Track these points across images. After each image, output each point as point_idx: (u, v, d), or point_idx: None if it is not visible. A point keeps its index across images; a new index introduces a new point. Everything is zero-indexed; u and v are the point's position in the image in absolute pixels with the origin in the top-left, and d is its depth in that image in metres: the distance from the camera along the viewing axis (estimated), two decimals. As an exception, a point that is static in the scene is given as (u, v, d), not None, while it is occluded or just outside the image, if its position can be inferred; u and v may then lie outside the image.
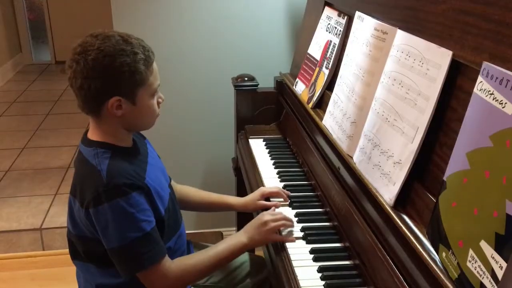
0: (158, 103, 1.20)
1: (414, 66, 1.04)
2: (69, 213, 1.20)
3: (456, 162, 0.84)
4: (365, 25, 1.33)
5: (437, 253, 0.87)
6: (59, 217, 2.57)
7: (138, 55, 1.11)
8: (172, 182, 1.45)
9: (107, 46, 1.08)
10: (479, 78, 0.80)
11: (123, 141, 1.18)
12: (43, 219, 2.57)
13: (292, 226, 1.30)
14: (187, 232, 1.40)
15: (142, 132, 1.32)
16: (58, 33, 5.50)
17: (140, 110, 1.15)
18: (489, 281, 0.71)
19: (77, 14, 5.33)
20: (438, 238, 0.86)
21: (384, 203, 1.05)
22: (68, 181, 2.98)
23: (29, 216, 2.61)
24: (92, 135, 1.17)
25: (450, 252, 0.82)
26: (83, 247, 1.19)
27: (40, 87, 4.85)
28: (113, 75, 1.09)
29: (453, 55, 0.92)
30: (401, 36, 1.13)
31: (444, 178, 0.87)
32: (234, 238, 1.27)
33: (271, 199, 1.47)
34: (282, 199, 1.45)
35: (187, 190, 1.50)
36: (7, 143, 3.54)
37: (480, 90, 0.80)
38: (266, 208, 1.42)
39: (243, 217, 1.82)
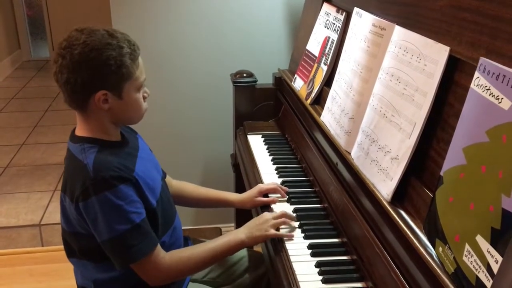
0: (144, 97, 1.20)
1: (411, 62, 1.04)
2: (62, 211, 1.21)
3: (453, 157, 0.84)
4: (363, 21, 1.34)
5: (434, 247, 0.87)
6: (58, 213, 2.52)
7: (124, 49, 1.11)
8: (169, 178, 1.45)
9: (93, 40, 1.09)
10: (476, 74, 0.81)
11: (111, 136, 1.19)
12: (42, 215, 2.58)
13: (295, 220, 1.31)
14: (185, 228, 1.40)
15: (137, 128, 1.32)
16: (57, 30, 5.49)
17: (126, 104, 1.15)
18: (485, 275, 0.72)
19: (76, 10, 5.31)
20: (435, 233, 0.87)
21: (382, 199, 1.06)
22: (67, 178, 2.97)
23: (28, 212, 2.61)
24: (80, 131, 1.18)
25: (446, 247, 0.82)
26: (77, 244, 1.20)
27: (39, 84, 4.84)
28: (99, 69, 1.09)
29: (451, 50, 0.92)
30: (399, 32, 1.13)
31: (441, 173, 0.87)
32: (233, 234, 1.27)
33: (269, 196, 1.47)
34: (280, 195, 1.46)
35: (184, 186, 1.50)
36: (6, 140, 3.54)
37: (477, 85, 0.80)
38: (265, 205, 1.42)
39: (242, 213, 1.83)
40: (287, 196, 1.46)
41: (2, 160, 3.21)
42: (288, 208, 1.39)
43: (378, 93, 1.17)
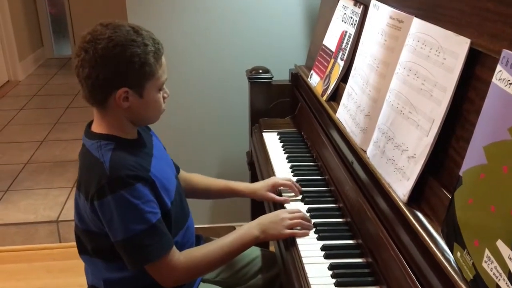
0: (164, 98, 1.17)
1: (430, 55, 0.99)
2: (76, 208, 1.19)
3: (473, 156, 0.79)
4: (380, 14, 1.29)
5: (452, 252, 0.82)
6: (75, 209, 2.58)
7: (148, 47, 1.09)
8: (182, 172, 1.43)
9: (118, 36, 1.06)
10: (498, 67, 0.75)
11: (127, 134, 1.16)
12: (59, 211, 2.59)
13: (310, 227, 1.25)
14: (199, 226, 1.38)
15: (150, 125, 1.30)
16: (79, 28, 5.55)
17: (146, 104, 1.13)
18: (506, 283, 0.67)
19: (98, 8, 5.37)
20: (453, 237, 0.82)
21: (397, 199, 1.01)
22: (85, 174, 2.99)
23: (46, 209, 2.63)
24: (96, 128, 1.16)
25: (465, 252, 0.78)
26: (90, 242, 1.18)
27: (61, 81, 4.90)
28: (122, 65, 1.07)
29: (471, 43, 0.87)
30: (417, 25, 1.08)
31: (460, 173, 0.82)
32: (245, 229, 1.23)
33: (282, 193, 1.43)
34: (293, 194, 1.42)
35: (194, 177, 1.48)
36: (27, 136, 3.58)
37: (499, 79, 0.75)
38: (280, 205, 1.38)
39: (257, 212, 1.79)
40: (301, 195, 1.42)
41: (23, 156, 3.24)
42: (302, 208, 1.35)
43: (395, 88, 1.12)
